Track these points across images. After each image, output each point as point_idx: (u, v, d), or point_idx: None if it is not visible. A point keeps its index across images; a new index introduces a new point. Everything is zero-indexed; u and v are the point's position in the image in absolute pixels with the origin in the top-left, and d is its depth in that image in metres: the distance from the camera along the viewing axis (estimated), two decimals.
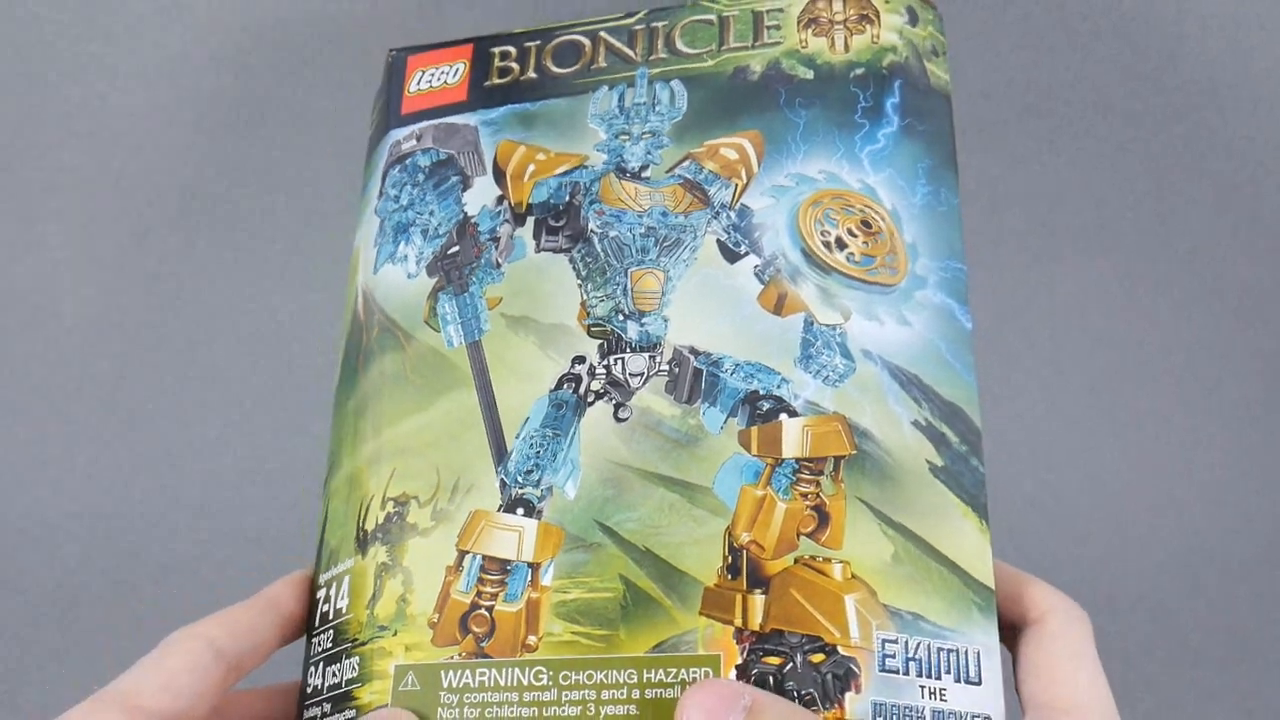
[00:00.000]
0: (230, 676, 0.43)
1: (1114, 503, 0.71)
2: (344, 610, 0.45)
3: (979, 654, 0.41)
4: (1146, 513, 0.71)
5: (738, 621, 0.41)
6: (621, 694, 0.40)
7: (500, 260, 0.49)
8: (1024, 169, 0.72)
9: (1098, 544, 0.70)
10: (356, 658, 0.44)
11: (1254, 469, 0.70)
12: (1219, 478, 0.70)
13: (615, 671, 0.40)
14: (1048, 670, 0.41)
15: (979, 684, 0.40)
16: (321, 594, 0.47)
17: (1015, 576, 0.44)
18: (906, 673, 0.40)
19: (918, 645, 0.40)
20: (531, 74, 0.52)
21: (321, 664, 0.46)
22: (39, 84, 0.79)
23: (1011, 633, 0.44)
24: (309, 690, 0.46)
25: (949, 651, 0.41)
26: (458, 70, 0.53)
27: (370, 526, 0.46)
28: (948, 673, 0.40)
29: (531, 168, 0.50)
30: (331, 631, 0.46)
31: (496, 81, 0.52)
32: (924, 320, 0.45)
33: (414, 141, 0.53)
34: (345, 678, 0.44)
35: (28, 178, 0.79)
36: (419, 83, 0.54)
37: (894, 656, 0.40)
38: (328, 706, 0.44)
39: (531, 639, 0.42)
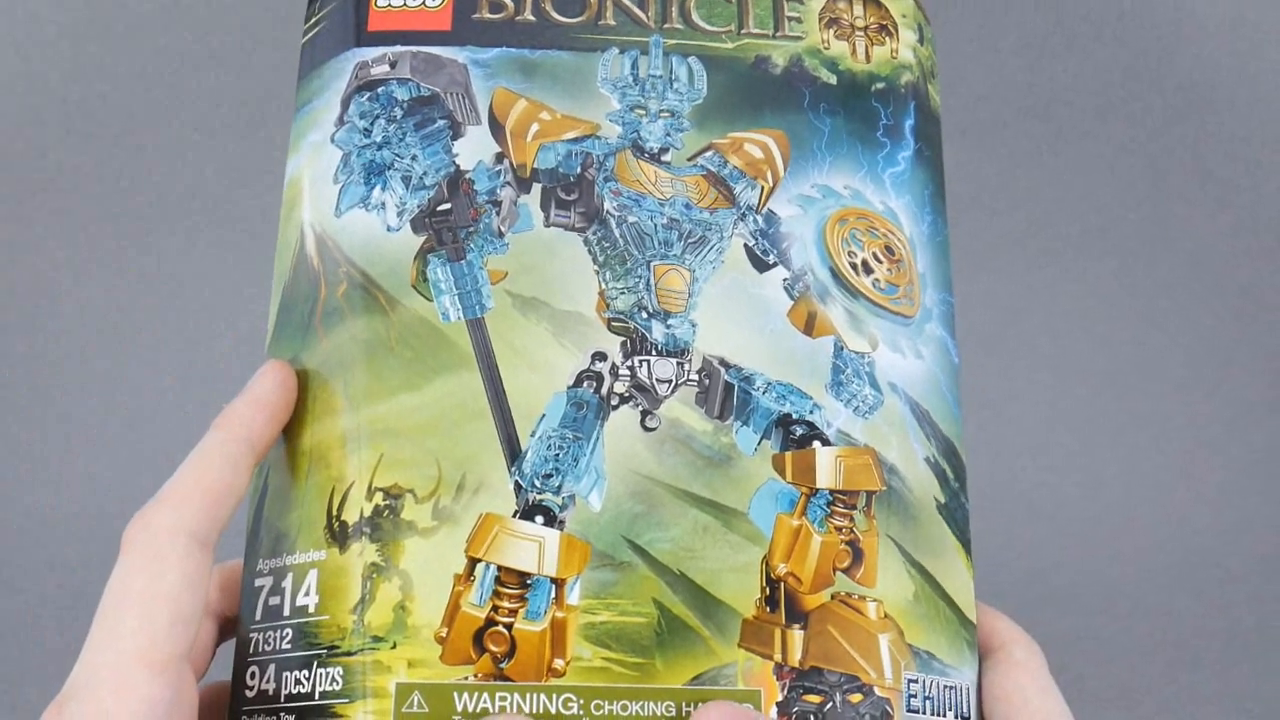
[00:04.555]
0: (211, 558, 0.39)
1: (1114, 505, 0.75)
2: (311, 609, 0.40)
3: (969, 690, 0.43)
4: (1146, 515, 0.75)
5: (777, 657, 0.40)
6: None
7: (503, 228, 0.44)
8: (1024, 171, 0.74)
9: (1098, 546, 0.73)
10: (339, 668, 0.39)
11: (1254, 471, 0.76)
12: (1219, 480, 0.76)
13: (653, 703, 0.39)
14: (1019, 697, 0.43)
15: (969, 719, 0.42)
16: (264, 583, 0.42)
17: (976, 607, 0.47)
18: (924, 712, 0.41)
19: (932, 684, 0.41)
20: (529, 15, 0.47)
21: (273, 666, 0.40)
22: (40, 84, 0.68)
23: None
24: (251, 694, 0.41)
25: (951, 689, 0.42)
26: None
27: (351, 518, 0.40)
28: (950, 709, 0.42)
29: (535, 126, 0.45)
30: (290, 631, 0.40)
31: (488, 16, 0.47)
32: (931, 354, 0.46)
33: (386, 67, 0.46)
34: (320, 689, 0.39)
35: (26, 178, 0.69)
36: None
37: (916, 696, 0.41)
38: (290, 718, 0.39)
39: (558, 663, 0.39)
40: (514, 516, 0.40)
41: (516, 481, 0.41)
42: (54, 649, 0.68)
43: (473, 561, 0.40)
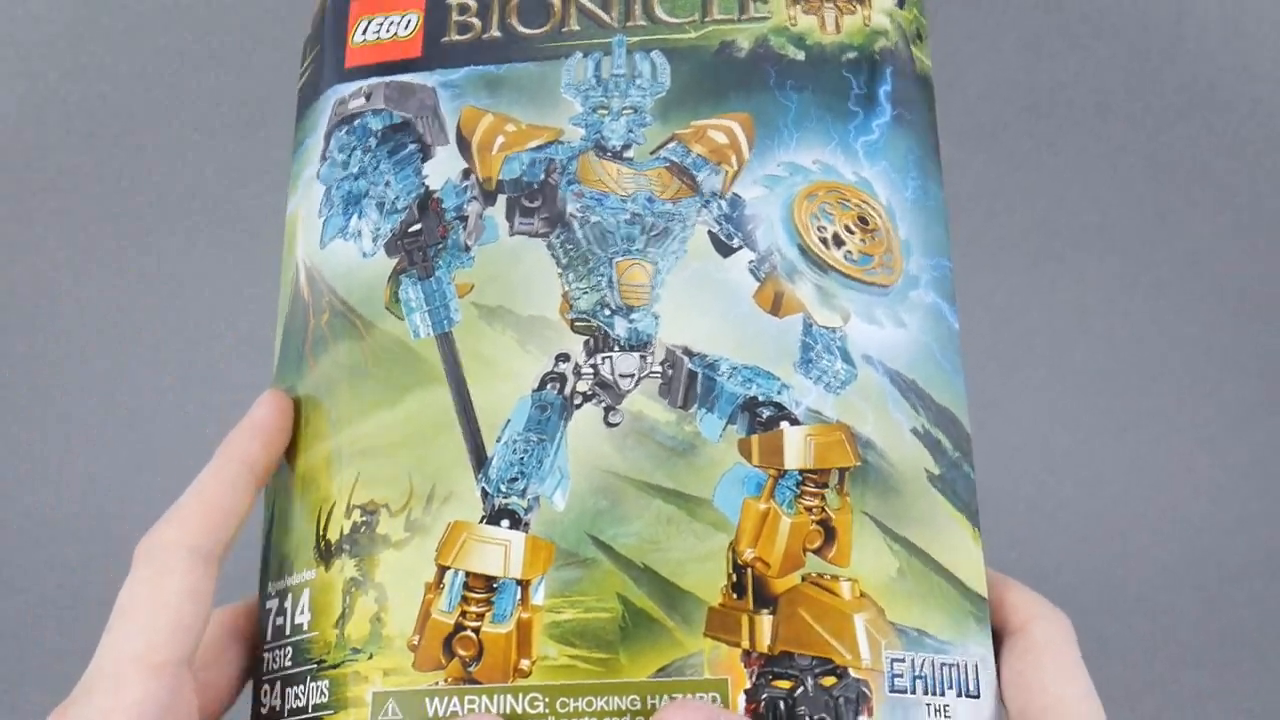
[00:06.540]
0: (215, 572, 0.40)
1: (1114, 504, 0.72)
2: (305, 626, 0.42)
3: (976, 666, 0.40)
4: (1146, 514, 0.72)
5: (745, 643, 0.39)
6: None
7: (469, 242, 0.45)
8: (1024, 169, 0.72)
9: (1098, 545, 0.71)
10: (326, 681, 0.41)
11: (1254, 470, 0.72)
12: (1219, 479, 0.72)
13: (617, 697, 0.39)
14: (1038, 682, 0.41)
15: (978, 697, 0.40)
16: (272, 604, 0.44)
17: (994, 580, 0.44)
18: (913, 691, 0.39)
19: (923, 662, 0.40)
20: (496, 32, 0.48)
21: (279, 683, 0.42)
22: (40, 84, 0.74)
23: (994, 639, 0.44)
24: (264, 711, 0.43)
25: (950, 666, 0.40)
26: (410, 21, 0.49)
27: (334, 536, 0.42)
28: (950, 688, 0.40)
29: (501, 139, 0.46)
30: (290, 649, 0.42)
31: (456, 38, 0.48)
32: (918, 321, 0.44)
33: (362, 100, 0.48)
34: (313, 702, 0.41)
35: (26, 178, 0.76)
36: (364, 33, 0.49)
37: (902, 676, 0.39)
38: None
39: (524, 663, 0.39)
40: (481, 522, 0.41)
41: (483, 488, 0.41)
42: (54, 649, 0.71)
43: (442, 569, 0.41)
